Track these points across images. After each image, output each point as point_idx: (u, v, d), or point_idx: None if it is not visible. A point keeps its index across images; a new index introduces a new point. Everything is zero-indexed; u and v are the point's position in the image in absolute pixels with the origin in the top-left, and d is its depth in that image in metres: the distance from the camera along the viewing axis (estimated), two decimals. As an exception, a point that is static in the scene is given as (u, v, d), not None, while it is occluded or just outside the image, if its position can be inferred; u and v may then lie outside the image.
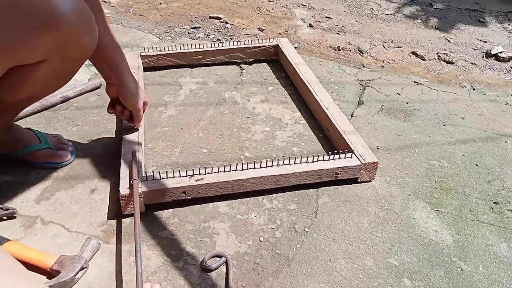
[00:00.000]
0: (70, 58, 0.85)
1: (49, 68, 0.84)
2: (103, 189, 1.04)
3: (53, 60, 0.82)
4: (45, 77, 0.86)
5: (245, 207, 1.01)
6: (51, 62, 0.83)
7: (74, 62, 0.89)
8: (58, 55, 0.82)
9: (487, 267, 0.90)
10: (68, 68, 0.90)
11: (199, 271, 0.86)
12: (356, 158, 1.06)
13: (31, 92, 0.91)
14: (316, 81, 1.38)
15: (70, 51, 0.83)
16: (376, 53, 1.87)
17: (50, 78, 0.88)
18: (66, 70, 0.90)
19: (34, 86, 0.89)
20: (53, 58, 0.82)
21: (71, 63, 0.88)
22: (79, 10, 0.79)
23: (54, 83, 0.94)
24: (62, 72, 0.90)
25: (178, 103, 1.38)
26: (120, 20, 2.02)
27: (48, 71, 0.85)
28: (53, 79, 0.90)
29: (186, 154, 1.16)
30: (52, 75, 0.87)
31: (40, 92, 0.95)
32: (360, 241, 0.94)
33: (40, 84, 0.89)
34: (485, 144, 1.27)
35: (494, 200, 1.07)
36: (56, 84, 0.95)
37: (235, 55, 1.59)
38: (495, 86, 1.65)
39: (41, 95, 1.02)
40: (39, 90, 0.93)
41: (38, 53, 0.80)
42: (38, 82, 0.87)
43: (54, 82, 0.93)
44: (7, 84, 0.84)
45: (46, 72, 0.85)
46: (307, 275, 0.86)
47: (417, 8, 2.40)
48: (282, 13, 2.24)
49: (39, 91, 0.94)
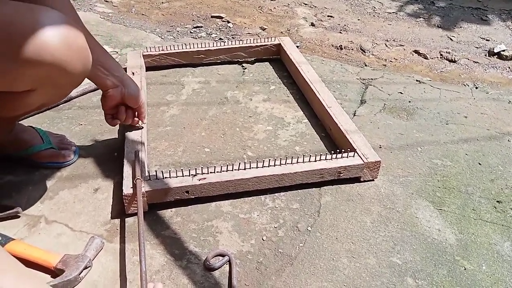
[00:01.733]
0: (61, 85, 0.83)
1: (41, 93, 0.82)
2: (106, 188, 1.04)
3: (43, 88, 0.81)
4: (38, 100, 0.85)
5: (248, 206, 1.01)
6: (42, 89, 0.81)
7: (67, 88, 0.87)
8: (48, 83, 0.80)
9: (490, 266, 0.90)
10: (62, 92, 0.88)
11: (202, 270, 0.86)
12: (359, 157, 1.06)
13: (27, 110, 0.91)
14: (319, 80, 1.38)
15: (60, 80, 0.80)
16: (378, 52, 1.86)
17: (43, 100, 0.87)
18: (59, 94, 0.89)
19: (29, 106, 0.88)
20: (43, 86, 0.80)
21: (63, 89, 0.87)
22: (69, 42, 0.76)
23: (49, 102, 0.93)
24: (56, 96, 0.89)
25: (181, 102, 1.38)
26: (122, 20, 2.02)
27: (40, 96, 0.83)
28: (47, 100, 0.89)
29: (188, 153, 1.17)
30: (45, 98, 0.86)
31: (38, 108, 0.95)
32: (363, 240, 0.94)
33: (35, 105, 0.88)
34: (488, 142, 1.27)
35: (497, 199, 1.07)
36: (51, 102, 0.94)
37: (237, 54, 1.59)
38: (498, 85, 1.65)
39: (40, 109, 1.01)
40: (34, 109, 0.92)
41: (26, 83, 0.77)
42: (31, 104, 0.86)
43: (49, 101, 0.92)
44: (2, 103, 0.84)
45: (38, 97, 0.83)
46: (310, 274, 0.86)
47: (420, 6, 2.39)
48: (284, 12, 2.24)
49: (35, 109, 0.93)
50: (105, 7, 2.18)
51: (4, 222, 0.94)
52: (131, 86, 1.04)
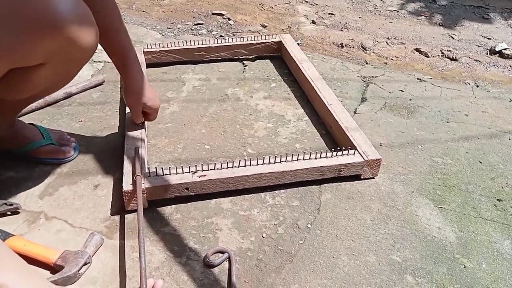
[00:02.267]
0: (70, 60, 0.85)
1: (50, 70, 0.84)
2: (106, 185, 1.04)
3: (53, 62, 0.82)
4: (46, 79, 0.86)
5: (248, 203, 1.01)
6: (52, 64, 0.83)
7: (75, 64, 0.89)
8: (59, 57, 0.82)
9: (490, 264, 0.90)
10: (70, 70, 0.90)
11: (202, 267, 0.86)
12: (359, 155, 1.06)
13: (32, 93, 0.91)
14: (319, 77, 1.38)
15: (71, 53, 0.83)
16: (379, 50, 1.86)
17: (51, 79, 0.88)
18: (67, 72, 0.90)
19: (35, 87, 0.89)
20: (54, 60, 0.82)
21: (72, 65, 0.88)
22: (79, 14, 0.79)
23: (56, 84, 0.94)
24: (64, 74, 0.90)
25: (181, 99, 1.38)
26: (123, 17, 2.00)
27: (49, 73, 0.85)
28: (55, 80, 0.90)
29: (189, 150, 1.17)
30: (53, 76, 0.87)
31: (42, 92, 0.95)
32: (362, 237, 0.94)
33: (42, 85, 0.89)
34: (489, 141, 1.27)
35: (497, 197, 1.07)
36: (57, 85, 0.95)
37: (238, 52, 1.59)
38: (499, 83, 1.65)
39: (42, 95, 1.01)
40: (40, 90, 0.93)
41: (38, 56, 0.79)
42: (39, 83, 0.87)
43: (56, 83, 0.93)
44: (8, 85, 0.85)
45: (47, 74, 0.85)
46: (309, 271, 0.86)
47: (421, 4, 2.39)
48: (285, 10, 2.24)
49: (40, 92, 0.94)
50: (106, 4, 2.18)
51: (3, 218, 0.94)
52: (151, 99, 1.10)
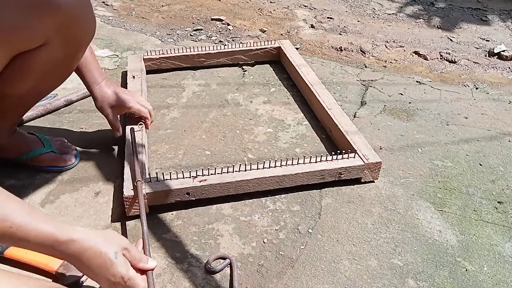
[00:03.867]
0: (70, 42, 0.88)
1: (51, 53, 0.87)
2: (107, 192, 1.04)
3: (54, 44, 0.85)
4: (47, 63, 0.89)
5: (248, 208, 1.01)
6: (52, 46, 0.85)
7: (75, 47, 0.91)
8: (59, 38, 0.85)
9: (491, 267, 0.90)
10: (69, 54, 0.92)
11: (203, 273, 0.86)
12: (359, 158, 1.06)
13: (35, 82, 0.93)
14: (319, 82, 1.39)
15: (70, 33, 0.86)
16: (378, 53, 1.87)
17: (52, 65, 0.90)
18: (67, 56, 0.92)
19: (37, 73, 0.90)
20: (54, 41, 0.85)
21: (71, 48, 0.90)
22: None
23: (56, 72, 0.95)
24: (64, 59, 0.91)
25: (181, 105, 1.39)
26: (123, 23, 2.03)
27: (49, 56, 0.87)
28: (55, 66, 0.92)
29: (189, 156, 1.17)
30: (53, 61, 0.89)
31: (43, 83, 0.96)
32: (364, 241, 0.94)
33: (43, 71, 0.91)
34: (489, 143, 1.27)
35: (498, 200, 1.07)
36: (58, 73, 0.96)
37: (237, 57, 1.60)
38: (498, 85, 1.65)
39: (44, 89, 1.00)
40: (42, 81, 0.94)
41: (39, 35, 0.82)
42: (40, 68, 0.89)
43: (56, 71, 0.95)
44: (11, 74, 0.87)
45: (48, 57, 0.87)
46: (311, 276, 0.86)
47: (419, 7, 2.40)
48: (284, 14, 2.25)
49: (42, 82, 0.95)
50: (106, 11, 2.19)
51: (5, 226, 0.94)
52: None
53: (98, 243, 0.65)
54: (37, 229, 0.61)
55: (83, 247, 0.64)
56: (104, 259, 0.65)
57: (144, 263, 0.73)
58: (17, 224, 0.59)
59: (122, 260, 0.68)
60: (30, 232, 0.60)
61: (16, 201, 0.62)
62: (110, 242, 0.67)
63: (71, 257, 0.64)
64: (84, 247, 0.64)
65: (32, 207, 0.63)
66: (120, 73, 1.55)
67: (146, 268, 0.73)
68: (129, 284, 0.68)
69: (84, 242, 0.64)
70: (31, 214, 0.62)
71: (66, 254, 0.64)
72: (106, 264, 0.65)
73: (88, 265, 0.65)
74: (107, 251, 0.66)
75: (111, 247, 0.66)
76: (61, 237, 0.62)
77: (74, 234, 0.64)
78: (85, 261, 0.65)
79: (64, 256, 0.64)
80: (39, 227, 0.61)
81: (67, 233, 0.63)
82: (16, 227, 0.59)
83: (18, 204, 0.62)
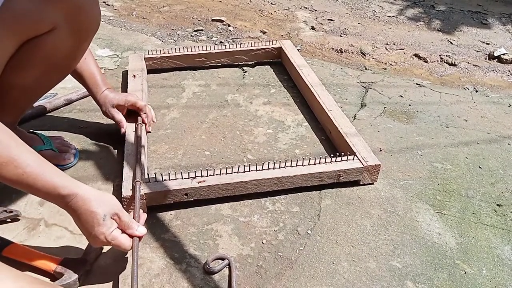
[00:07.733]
0: (77, 29, 0.90)
1: (57, 40, 0.89)
2: (106, 191, 1.03)
3: (61, 31, 0.87)
4: (53, 50, 0.90)
5: (247, 209, 1.01)
6: (59, 33, 0.87)
7: (82, 35, 0.93)
8: (67, 25, 0.87)
9: (490, 269, 0.90)
10: (75, 43, 0.93)
11: (202, 274, 0.86)
12: (358, 161, 1.06)
13: (39, 72, 0.94)
14: (319, 83, 1.39)
15: (78, 21, 0.89)
16: (378, 55, 1.87)
17: (57, 54, 0.92)
18: (73, 45, 0.93)
19: (43, 62, 0.92)
20: (62, 28, 0.87)
21: (78, 36, 0.92)
22: None
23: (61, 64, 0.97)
24: (70, 47, 0.93)
25: (181, 105, 1.39)
26: (123, 23, 2.03)
27: (56, 44, 0.89)
28: (61, 56, 0.93)
29: (188, 156, 1.17)
30: (60, 49, 0.91)
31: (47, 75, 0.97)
32: (363, 243, 0.94)
33: (48, 61, 0.92)
34: (488, 146, 1.27)
35: (497, 203, 1.07)
36: (63, 65, 0.97)
37: (238, 58, 1.60)
38: (498, 88, 1.65)
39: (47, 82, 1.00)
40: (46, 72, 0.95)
41: (48, 21, 0.85)
42: (46, 56, 0.91)
43: (61, 63, 0.96)
44: (17, 63, 0.88)
45: (55, 45, 0.89)
46: (310, 278, 0.86)
47: (420, 10, 2.40)
48: (285, 16, 2.25)
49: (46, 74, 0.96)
50: (106, 11, 2.19)
51: (3, 225, 0.94)
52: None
53: (92, 203, 0.74)
54: (45, 180, 0.71)
55: (79, 204, 0.73)
56: (93, 218, 0.74)
57: (132, 230, 0.80)
58: (28, 172, 0.69)
59: (108, 222, 0.76)
60: (38, 182, 0.70)
61: (30, 152, 0.72)
62: (104, 204, 0.76)
63: (69, 209, 0.74)
64: (80, 204, 0.73)
65: (44, 159, 0.73)
66: (121, 73, 1.55)
67: (133, 234, 0.80)
68: (113, 243, 0.77)
69: (81, 199, 0.73)
70: (41, 166, 0.71)
71: (66, 206, 0.74)
72: (93, 223, 0.74)
73: (80, 219, 0.74)
74: (98, 211, 0.74)
75: (102, 208, 0.75)
76: (63, 192, 0.72)
77: (75, 190, 0.73)
78: (78, 215, 0.74)
79: (64, 207, 0.74)
80: (46, 179, 0.71)
81: (70, 189, 0.73)
82: (27, 175, 0.69)
83: (31, 154, 0.72)
